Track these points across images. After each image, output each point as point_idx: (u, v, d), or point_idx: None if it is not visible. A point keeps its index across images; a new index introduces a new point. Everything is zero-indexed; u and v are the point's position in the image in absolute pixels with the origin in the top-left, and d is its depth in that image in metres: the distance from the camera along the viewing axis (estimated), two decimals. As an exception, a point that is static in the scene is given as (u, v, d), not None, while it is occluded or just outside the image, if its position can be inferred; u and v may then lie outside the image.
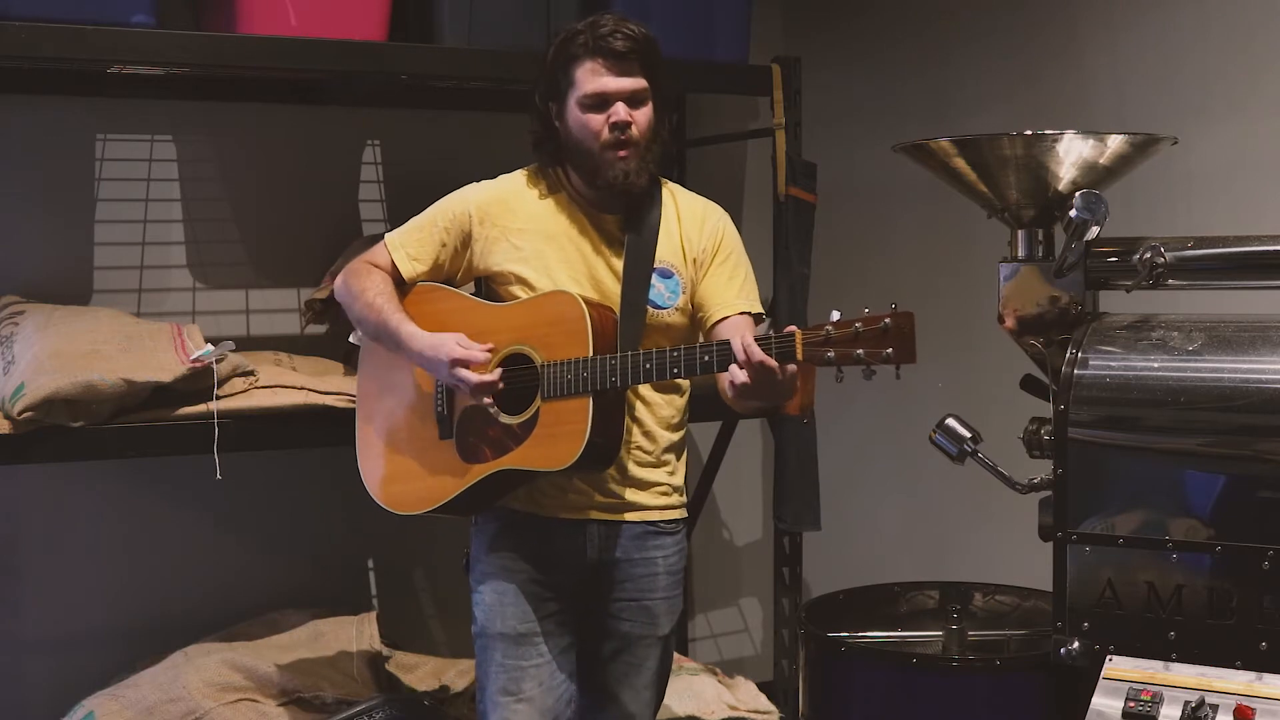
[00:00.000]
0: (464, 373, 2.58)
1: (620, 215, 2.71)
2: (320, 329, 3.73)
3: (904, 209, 4.24)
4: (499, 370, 2.60)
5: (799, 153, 3.82)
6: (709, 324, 2.72)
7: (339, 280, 2.80)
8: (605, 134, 2.62)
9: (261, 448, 3.24)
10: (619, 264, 2.69)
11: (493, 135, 3.78)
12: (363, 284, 2.74)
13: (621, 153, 2.62)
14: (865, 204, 4.34)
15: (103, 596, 3.66)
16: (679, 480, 2.78)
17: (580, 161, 2.67)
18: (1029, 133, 2.81)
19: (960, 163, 2.91)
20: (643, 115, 2.64)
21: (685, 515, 2.82)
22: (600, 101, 2.62)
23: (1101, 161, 2.81)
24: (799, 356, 2.36)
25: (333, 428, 3.05)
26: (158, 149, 3.70)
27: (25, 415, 2.93)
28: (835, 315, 2.34)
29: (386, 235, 2.79)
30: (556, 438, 2.56)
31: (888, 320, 2.30)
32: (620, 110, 2.61)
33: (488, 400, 2.60)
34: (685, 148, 4.30)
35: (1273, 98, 3.34)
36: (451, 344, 2.60)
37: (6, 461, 3.01)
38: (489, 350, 2.61)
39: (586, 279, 2.69)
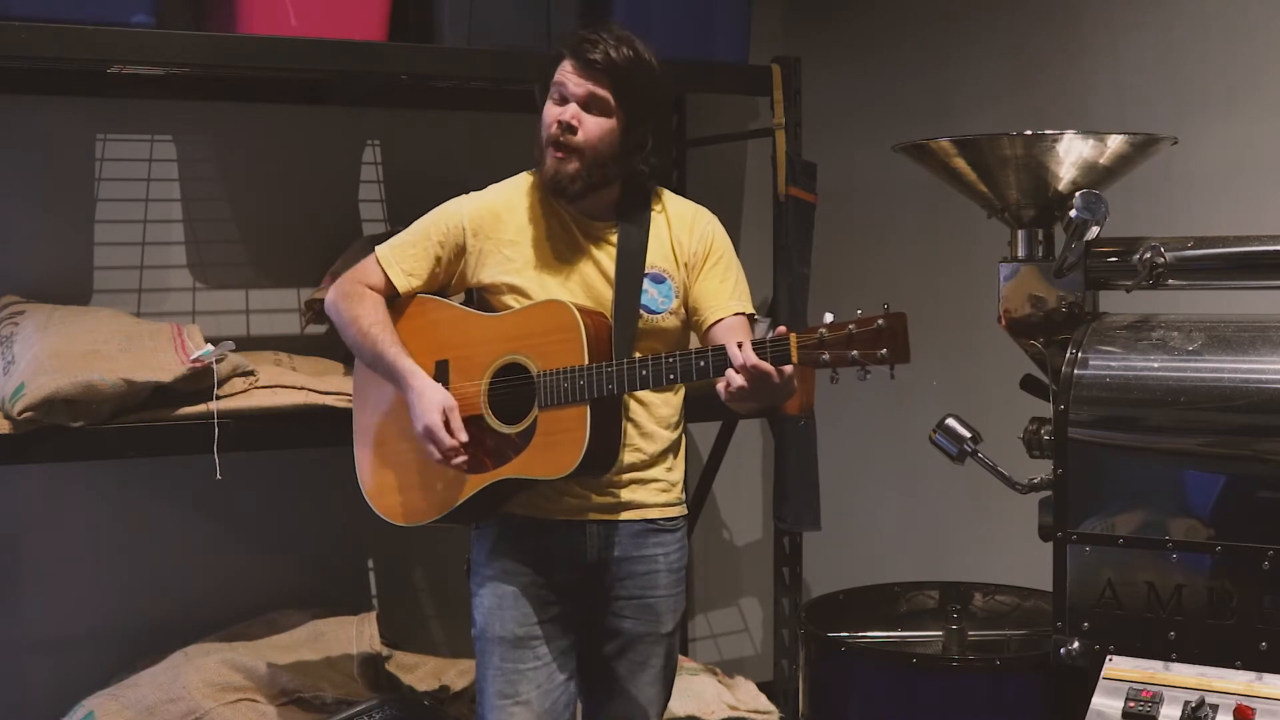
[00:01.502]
0: (431, 448, 2.60)
1: (610, 221, 2.72)
2: (320, 329, 3.73)
3: (904, 209, 4.24)
4: (464, 459, 2.60)
5: (799, 153, 3.82)
6: (704, 326, 2.72)
7: (330, 300, 2.79)
8: (553, 129, 2.63)
9: (261, 448, 3.24)
10: (611, 270, 2.69)
11: (493, 135, 3.78)
12: (355, 311, 2.73)
13: (558, 153, 2.63)
14: (865, 204, 4.34)
15: (103, 596, 3.66)
16: (677, 477, 2.78)
17: (538, 155, 2.69)
18: (1029, 133, 2.81)
19: (960, 163, 2.92)
20: (593, 124, 2.63)
21: (685, 513, 2.82)
22: (560, 96, 2.65)
23: (1101, 161, 2.81)
24: (794, 360, 2.37)
25: (333, 428, 3.05)
26: (158, 149, 3.70)
27: (25, 415, 2.93)
28: (829, 317, 2.36)
29: (377, 249, 2.77)
30: (555, 445, 2.56)
31: (881, 321, 2.31)
32: (569, 111, 2.63)
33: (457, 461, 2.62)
34: (685, 148, 4.30)
35: (1273, 98, 3.34)
36: (435, 414, 2.60)
37: (6, 461, 3.01)
38: (470, 410, 2.62)
39: (579, 286, 2.69)
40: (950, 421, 2.95)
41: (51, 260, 3.57)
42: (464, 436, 2.60)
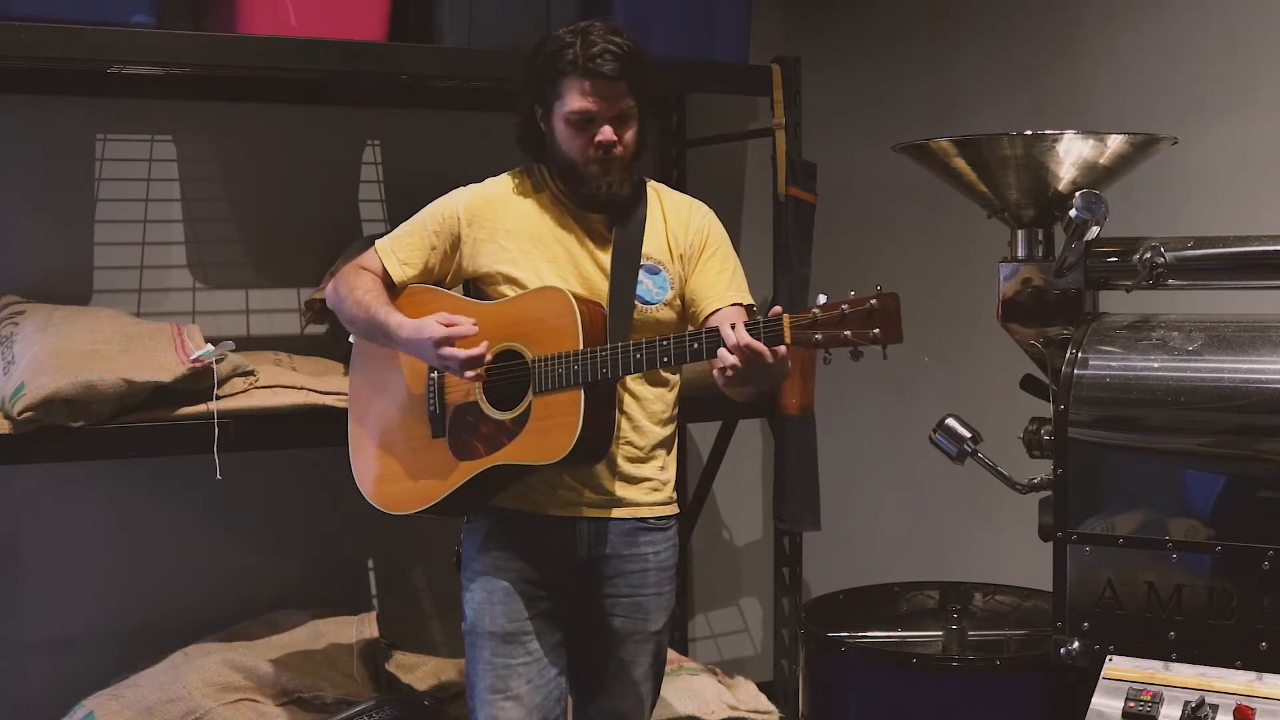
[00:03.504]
0: (450, 350, 2.57)
1: (606, 213, 2.73)
2: (320, 329, 3.73)
3: (904, 209, 4.24)
4: (485, 343, 2.58)
5: (799, 153, 3.82)
6: (701, 317, 2.73)
7: (329, 287, 2.82)
8: (590, 151, 2.64)
9: (261, 448, 3.24)
10: (606, 261, 2.70)
11: (493, 135, 3.76)
12: (351, 285, 2.75)
13: (604, 166, 2.64)
14: (865, 204, 4.34)
15: (103, 596, 3.66)
16: (669, 475, 2.79)
17: (565, 172, 2.69)
18: (1029, 133, 2.81)
19: (960, 163, 2.92)
20: (629, 134, 2.66)
21: (676, 511, 2.82)
22: (586, 120, 2.64)
23: (1101, 161, 2.81)
24: (787, 339, 2.38)
25: (333, 428, 3.05)
26: (158, 149, 3.70)
27: (25, 415, 2.93)
28: (822, 298, 2.37)
29: (377, 242, 2.80)
30: (549, 431, 2.57)
31: (873, 301, 2.32)
32: (607, 132, 2.63)
33: (473, 374, 2.59)
34: (685, 148, 4.30)
35: (1272, 98, 3.34)
36: (433, 323, 2.59)
37: (6, 461, 3.01)
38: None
39: (574, 276, 2.70)
40: (950, 421, 2.95)
41: (51, 260, 3.57)
42: (470, 328, 2.58)
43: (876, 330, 2.32)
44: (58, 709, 3.34)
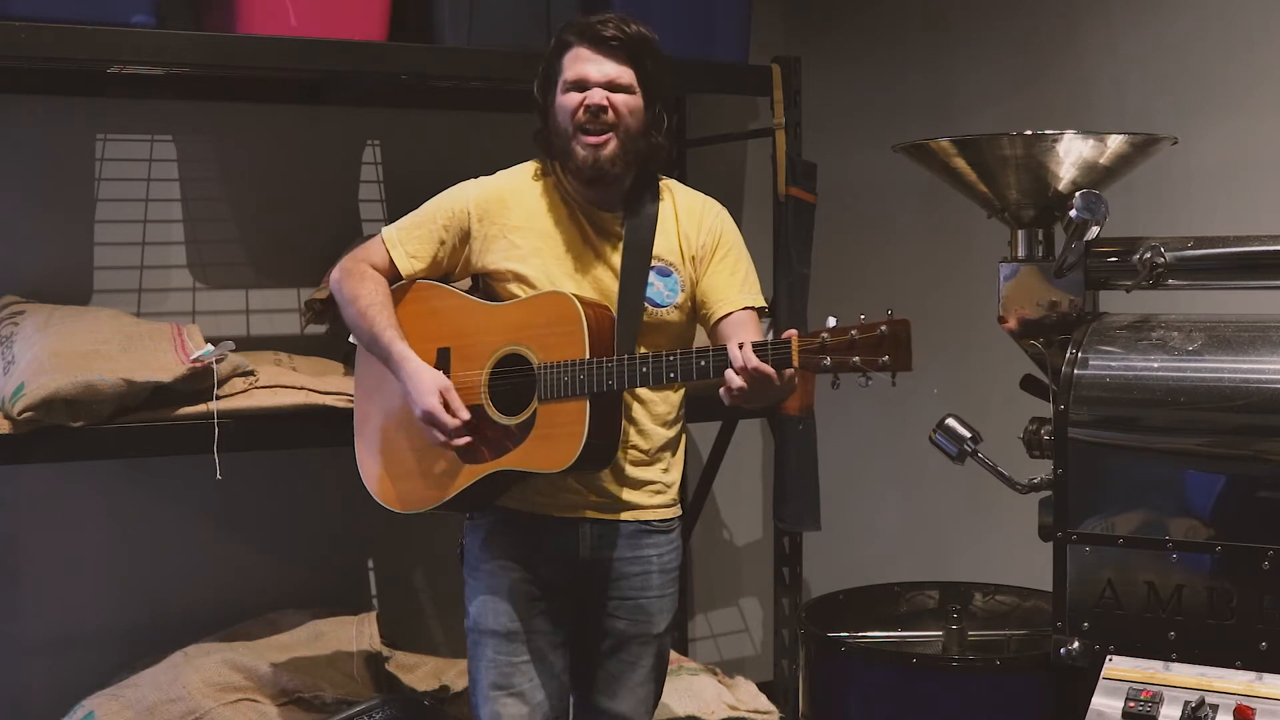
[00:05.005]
0: (434, 432, 2.60)
1: (618, 212, 2.71)
2: (320, 329, 3.73)
3: (904, 209, 4.24)
4: (467, 439, 2.60)
5: (799, 153, 3.82)
6: (713, 320, 2.71)
7: (335, 277, 2.79)
8: (580, 114, 2.62)
9: (261, 448, 3.24)
10: (617, 260, 2.69)
11: (493, 135, 3.78)
12: (357, 289, 2.73)
13: (593, 138, 2.61)
14: (865, 204, 4.34)
15: (103, 596, 3.66)
16: (674, 478, 2.78)
17: (560, 147, 2.66)
18: (1029, 133, 2.81)
19: (960, 163, 2.92)
20: (622, 101, 2.62)
21: (679, 514, 2.82)
22: (580, 85, 2.62)
23: (1101, 161, 2.81)
24: (795, 363, 2.36)
25: (333, 428, 3.05)
26: (158, 149, 3.70)
27: (25, 415, 2.93)
28: (831, 322, 2.35)
29: (383, 231, 2.78)
30: (554, 439, 2.56)
31: (884, 328, 2.30)
32: (596, 94, 2.61)
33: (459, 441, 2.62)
34: (685, 148, 4.30)
35: (1273, 98, 3.34)
36: (431, 397, 2.60)
37: (6, 461, 3.01)
38: (470, 400, 2.61)
39: (585, 277, 2.68)
40: (950, 421, 2.95)
41: (51, 260, 3.57)
42: (465, 415, 2.60)
43: (886, 357, 2.29)
44: (58, 709, 3.34)
